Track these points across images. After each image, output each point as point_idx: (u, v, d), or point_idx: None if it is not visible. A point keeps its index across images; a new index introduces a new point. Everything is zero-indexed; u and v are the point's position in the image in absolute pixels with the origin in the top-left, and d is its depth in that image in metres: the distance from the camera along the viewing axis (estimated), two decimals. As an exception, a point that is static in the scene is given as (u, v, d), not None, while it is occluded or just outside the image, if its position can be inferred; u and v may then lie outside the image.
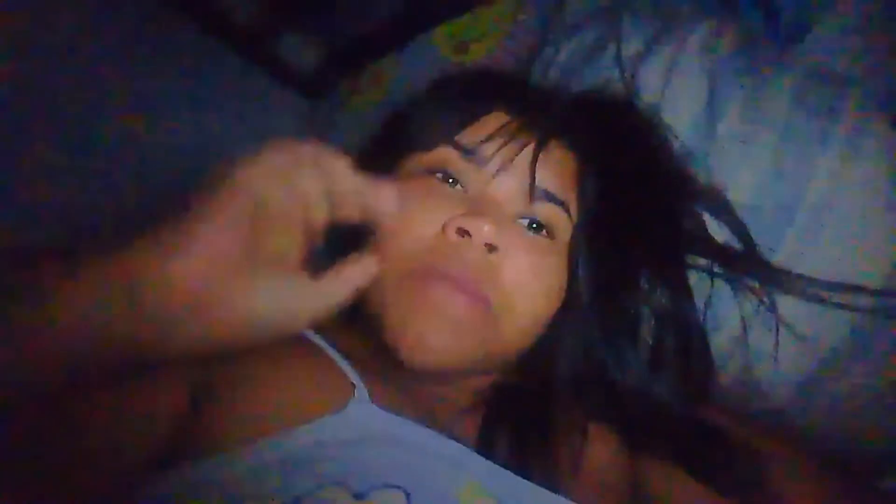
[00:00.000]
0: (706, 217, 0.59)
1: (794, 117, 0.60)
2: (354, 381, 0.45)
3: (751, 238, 0.58)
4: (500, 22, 0.87)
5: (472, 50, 0.89)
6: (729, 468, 0.50)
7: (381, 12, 1.01)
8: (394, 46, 0.95)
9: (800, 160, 0.59)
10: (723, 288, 0.58)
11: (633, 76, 0.66)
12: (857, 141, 0.58)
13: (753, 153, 0.60)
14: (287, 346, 0.47)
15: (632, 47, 0.68)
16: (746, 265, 0.57)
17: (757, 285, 0.56)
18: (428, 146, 0.54)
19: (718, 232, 0.59)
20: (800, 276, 0.56)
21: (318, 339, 0.49)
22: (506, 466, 0.46)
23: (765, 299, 0.56)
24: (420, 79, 0.78)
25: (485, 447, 0.50)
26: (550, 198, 0.53)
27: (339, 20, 1.06)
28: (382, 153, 0.60)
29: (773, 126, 0.60)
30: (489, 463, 0.46)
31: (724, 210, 0.58)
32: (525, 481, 0.45)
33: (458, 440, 0.46)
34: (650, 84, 0.65)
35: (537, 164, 0.53)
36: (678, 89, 0.64)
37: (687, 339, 0.55)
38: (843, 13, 0.63)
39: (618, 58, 0.67)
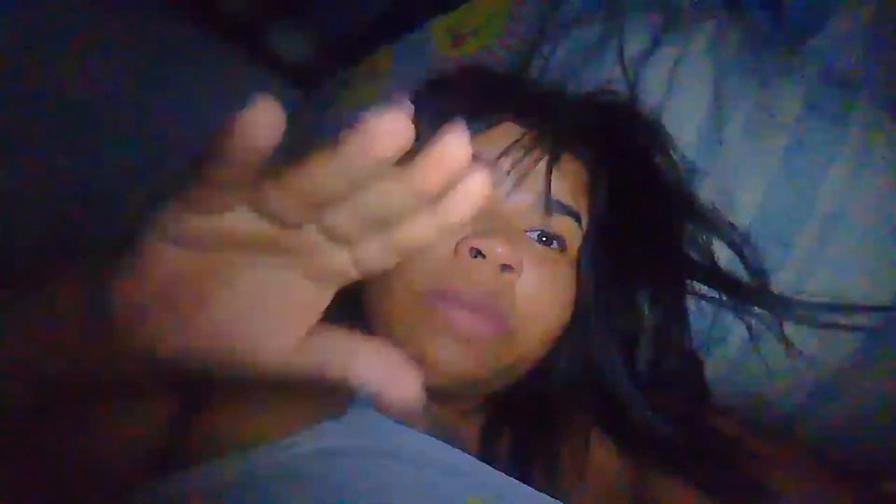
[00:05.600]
0: (714, 244, 0.58)
1: (805, 121, 0.59)
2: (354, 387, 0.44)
3: (754, 262, 0.57)
4: (497, 15, 0.85)
5: (467, 43, 0.87)
6: (730, 477, 0.50)
7: (376, 4, 0.99)
8: (388, 39, 0.94)
9: (810, 166, 0.58)
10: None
11: (635, 76, 0.64)
12: (869, 146, 0.57)
13: (762, 158, 0.59)
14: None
15: (634, 46, 0.66)
16: (749, 295, 0.56)
17: (761, 311, 0.56)
18: None
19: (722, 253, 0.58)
20: (803, 304, 0.55)
21: None
22: (508, 472, 0.45)
23: (769, 324, 0.56)
24: (415, 72, 0.76)
25: (487, 452, 0.49)
26: (566, 210, 0.52)
27: (333, 11, 1.04)
28: None
29: (783, 130, 0.59)
30: (493, 472, 0.45)
31: (728, 233, 0.58)
32: (528, 490, 0.44)
33: (460, 446, 0.45)
34: (653, 84, 0.64)
35: (552, 177, 0.52)
36: (683, 90, 0.63)
37: (678, 360, 0.55)
38: (852, 12, 0.62)
39: (620, 57, 0.66)
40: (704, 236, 0.58)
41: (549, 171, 0.52)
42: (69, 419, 0.38)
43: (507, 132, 0.52)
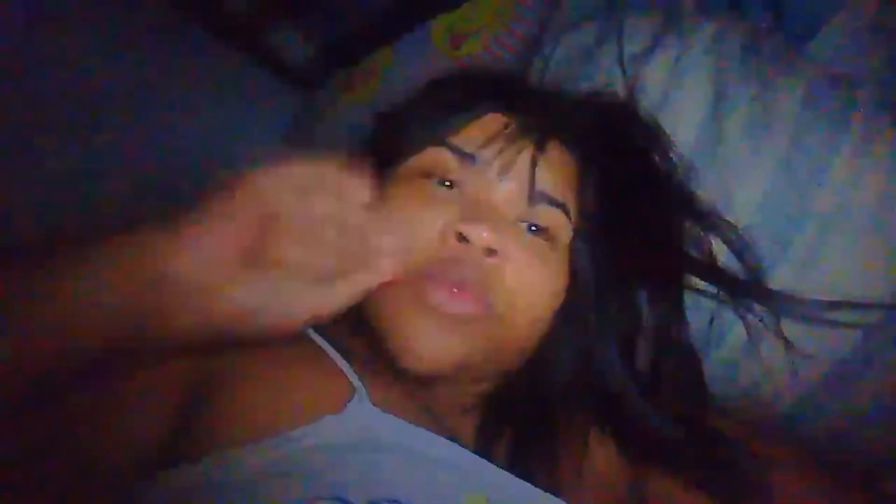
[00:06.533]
0: (714, 242, 0.58)
1: (805, 121, 0.59)
2: (354, 382, 0.45)
3: (751, 261, 0.57)
4: (498, 16, 0.85)
5: (468, 44, 0.87)
6: (730, 477, 0.50)
7: (376, 4, 0.99)
8: (388, 39, 0.94)
9: (810, 166, 0.58)
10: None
11: (635, 76, 0.65)
12: (868, 146, 0.57)
13: (761, 158, 0.59)
14: (287, 345, 0.46)
15: (634, 46, 0.66)
16: (748, 291, 0.57)
17: (760, 308, 0.56)
18: (422, 148, 0.53)
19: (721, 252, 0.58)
20: (802, 301, 0.56)
21: (319, 339, 0.48)
22: (507, 468, 0.46)
23: (768, 322, 0.56)
24: (415, 72, 0.76)
25: (486, 448, 0.49)
26: (550, 201, 0.53)
27: (334, 11, 1.04)
28: (376, 155, 0.57)
29: (783, 130, 0.59)
30: (492, 467, 0.45)
31: (726, 231, 0.58)
32: (528, 487, 0.44)
33: (459, 442, 0.45)
34: (653, 84, 0.64)
35: (536, 167, 0.52)
36: (683, 91, 0.63)
37: (677, 359, 0.55)
38: (852, 13, 0.62)
39: (619, 57, 0.66)
40: (703, 234, 0.58)
41: (533, 161, 0.52)
42: (73, 414, 0.38)
43: (495, 122, 0.53)
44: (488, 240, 0.47)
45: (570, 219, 0.54)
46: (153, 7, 0.96)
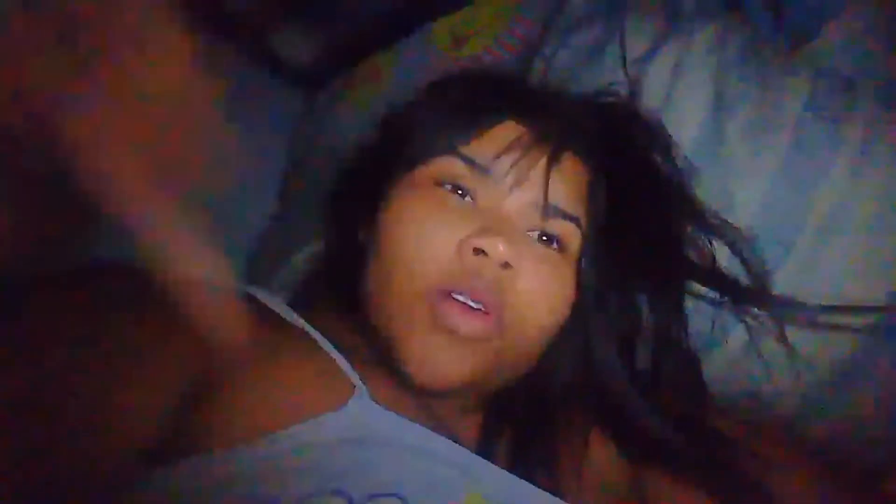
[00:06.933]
0: (717, 247, 0.58)
1: (805, 121, 0.59)
2: (354, 380, 0.45)
3: (753, 264, 0.57)
4: (499, 17, 0.85)
5: (470, 44, 0.88)
6: (730, 477, 0.50)
7: (378, 5, 1.00)
8: (391, 40, 0.94)
9: (810, 166, 0.58)
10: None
11: (637, 78, 0.65)
12: (869, 147, 0.58)
13: (762, 159, 0.59)
14: (288, 342, 0.47)
15: (636, 47, 0.67)
16: (749, 297, 0.57)
17: (761, 313, 0.57)
18: (433, 156, 0.52)
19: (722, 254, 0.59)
20: (803, 305, 0.56)
21: (318, 336, 0.48)
22: (507, 468, 0.46)
23: (769, 326, 0.56)
24: (417, 73, 0.76)
25: (486, 448, 0.50)
26: (563, 214, 0.52)
27: (336, 13, 1.04)
28: (382, 163, 0.57)
29: (783, 131, 0.59)
30: (492, 467, 0.45)
31: (728, 234, 0.58)
32: (528, 487, 0.44)
33: (460, 441, 0.46)
34: (655, 86, 0.64)
35: (550, 179, 0.52)
36: (684, 92, 0.63)
37: (677, 360, 0.56)
38: (852, 13, 0.63)
39: (622, 58, 0.66)
40: (704, 237, 0.58)
41: (547, 173, 0.52)
42: (71, 413, 0.38)
43: (508, 131, 0.52)
44: (505, 254, 0.47)
45: (582, 230, 0.53)
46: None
